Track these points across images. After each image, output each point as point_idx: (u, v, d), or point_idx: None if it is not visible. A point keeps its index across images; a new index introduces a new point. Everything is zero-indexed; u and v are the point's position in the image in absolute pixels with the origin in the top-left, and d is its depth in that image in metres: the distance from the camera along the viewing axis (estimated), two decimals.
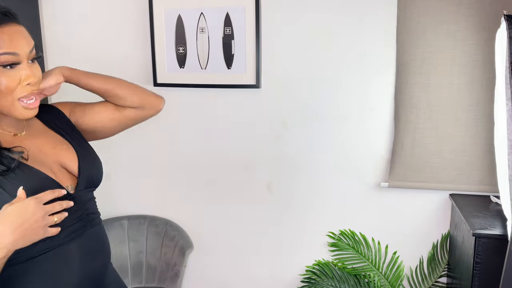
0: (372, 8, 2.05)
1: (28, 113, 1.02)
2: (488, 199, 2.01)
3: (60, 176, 1.06)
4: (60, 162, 1.08)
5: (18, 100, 0.98)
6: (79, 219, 1.06)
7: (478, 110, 1.98)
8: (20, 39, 0.97)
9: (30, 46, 0.99)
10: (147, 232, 2.43)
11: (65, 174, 1.07)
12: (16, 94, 0.97)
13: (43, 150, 1.07)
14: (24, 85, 0.98)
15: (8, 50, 0.94)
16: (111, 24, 2.32)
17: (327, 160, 2.22)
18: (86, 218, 1.09)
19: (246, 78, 2.20)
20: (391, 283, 2.20)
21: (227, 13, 2.16)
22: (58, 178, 1.04)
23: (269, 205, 2.33)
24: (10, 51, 0.94)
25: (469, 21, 1.93)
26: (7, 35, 0.95)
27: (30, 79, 0.98)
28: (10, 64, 0.95)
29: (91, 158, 1.15)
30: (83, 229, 1.07)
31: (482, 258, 1.69)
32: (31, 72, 0.99)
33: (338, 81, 2.14)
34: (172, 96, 2.33)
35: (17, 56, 0.96)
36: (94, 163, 1.15)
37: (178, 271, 2.25)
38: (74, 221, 1.05)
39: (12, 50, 0.95)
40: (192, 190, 2.41)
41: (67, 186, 1.05)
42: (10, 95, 0.97)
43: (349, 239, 2.25)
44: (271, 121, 2.25)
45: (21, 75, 0.97)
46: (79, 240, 1.05)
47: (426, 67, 2.01)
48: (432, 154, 2.06)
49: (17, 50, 0.96)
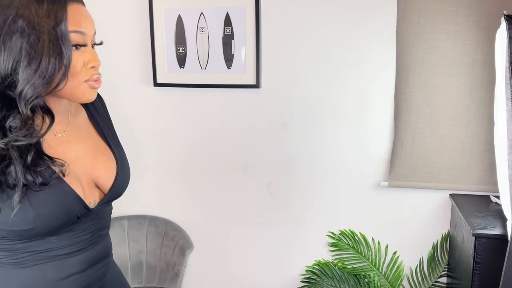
0: (372, 8, 2.05)
1: (94, 94, 0.95)
2: (488, 199, 2.01)
3: (88, 190, 1.00)
4: (94, 177, 1.01)
5: (84, 81, 0.92)
6: (91, 234, 1.01)
7: (478, 110, 1.98)
8: (89, 20, 0.92)
9: (94, 29, 0.94)
10: (147, 232, 2.43)
11: (93, 189, 1.01)
12: (81, 76, 0.91)
13: (81, 159, 1.00)
14: (88, 68, 0.91)
15: (76, 28, 0.88)
16: (111, 24, 2.32)
17: (327, 160, 2.22)
18: (97, 234, 1.03)
19: (246, 78, 2.20)
20: (391, 283, 2.20)
21: (227, 13, 2.16)
22: (85, 192, 0.98)
23: (269, 205, 2.33)
24: (78, 29, 0.88)
25: (469, 21, 1.93)
26: (75, 13, 0.88)
27: (96, 62, 0.92)
28: (76, 44, 0.88)
29: (127, 169, 1.09)
30: (93, 245, 1.02)
31: (482, 258, 1.69)
32: (96, 55, 0.93)
33: (338, 81, 2.14)
34: (172, 96, 2.34)
35: (84, 37, 0.89)
36: (127, 175, 1.09)
37: (178, 271, 2.25)
38: (85, 236, 1.00)
39: (82, 29, 0.89)
40: (192, 190, 2.41)
41: (90, 202, 0.99)
42: (76, 78, 0.90)
43: (349, 239, 2.25)
44: (271, 121, 2.25)
45: (86, 57, 0.91)
46: (84, 253, 1.00)
47: (426, 67, 2.01)
48: (432, 154, 2.06)
49: (86, 30, 0.89)
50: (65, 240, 0.96)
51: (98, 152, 1.04)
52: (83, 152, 1.01)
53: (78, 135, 1.02)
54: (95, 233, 1.03)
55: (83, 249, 1.00)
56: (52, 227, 0.92)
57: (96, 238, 1.03)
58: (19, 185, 0.85)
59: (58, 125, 0.98)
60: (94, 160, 1.02)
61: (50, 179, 0.90)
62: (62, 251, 0.96)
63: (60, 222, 0.93)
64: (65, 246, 0.97)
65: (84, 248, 1.00)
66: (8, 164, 0.85)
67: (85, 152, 1.02)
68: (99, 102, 1.13)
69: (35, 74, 0.83)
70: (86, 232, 1.00)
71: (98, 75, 0.94)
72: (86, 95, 0.94)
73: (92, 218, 1.00)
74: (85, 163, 1.00)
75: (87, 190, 0.99)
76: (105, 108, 1.15)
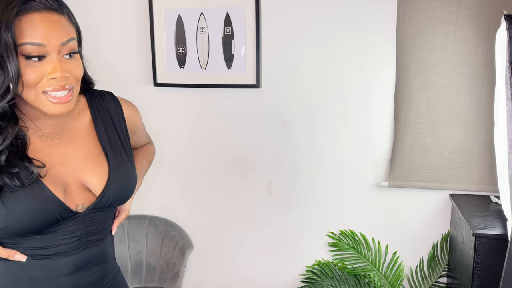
0: (372, 8, 2.05)
1: (56, 109, 0.91)
2: (488, 199, 2.01)
3: (75, 194, 0.99)
4: (83, 180, 1.00)
5: (42, 93, 0.89)
6: (77, 238, 1.01)
7: (478, 110, 1.98)
8: (51, 29, 0.87)
9: (61, 38, 0.89)
10: (147, 232, 2.43)
11: (83, 192, 1.00)
12: (39, 87, 0.89)
13: (70, 162, 1.00)
14: (49, 78, 0.88)
15: (32, 40, 0.85)
16: (111, 24, 2.32)
17: (327, 160, 2.22)
18: (85, 239, 1.02)
19: (246, 78, 2.20)
20: (391, 283, 2.20)
21: (227, 13, 2.16)
22: (70, 196, 0.98)
23: (269, 205, 2.33)
24: (34, 41, 0.86)
25: (469, 21, 1.93)
26: (35, 23, 0.86)
27: (56, 73, 0.88)
28: (37, 56, 0.87)
29: (126, 177, 1.06)
30: (79, 249, 1.01)
31: (482, 258, 1.69)
32: (59, 66, 0.89)
33: (338, 81, 2.14)
34: (172, 96, 2.33)
35: (42, 48, 0.87)
36: (127, 183, 1.07)
37: (178, 271, 2.25)
38: (71, 239, 1.00)
39: (37, 40, 0.86)
40: (192, 190, 2.41)
41: (78, 205, 0.99)
42: (33, 89, 0.88)
43: (349, 239, 2.25)
44: (271, 121, 2.25)
45: (46, 68, 0.88)
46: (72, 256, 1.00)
47: (426, 67, 2.01)
48: (432, 154, 2.06)
49: (42, 41, 0.86)
50: (48, 240, 0.97)
51: (89, 157, 1.03)
52: (74, 156, 1.01)
53: (71, 138, 1.02)
54: (83, 237, 1.02)
55: (69, 252, 1.00)
56: (27, 226, 0.93)
57: (84, 243, 1.02)
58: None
59: (48, 127, 0.99)
60: (84, 165, 1.02)
61: (27, 180, 0.90)
62: (47, 251, 0.98)
63: (34, 222, 0.93)
64: (50, 246, 0.98)
65: (71, 251, 1.00)
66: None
67: (76, 156, 1.01)
68: (115, 107, 1.11)
69: None
70: (71, 235, 1.00)
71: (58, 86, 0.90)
72: (50, 109, 0.91)
73: (78, 222, 1.00)
74: (75, 167, 1.00)
75: (75, 193, 0.99)
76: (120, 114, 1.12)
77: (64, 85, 0.91)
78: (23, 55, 0.86)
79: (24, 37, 0.85)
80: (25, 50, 0.86)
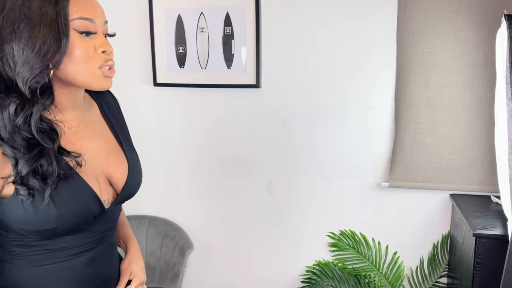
0: (372, 8, 2.05)
1: (109, 83, 0.96)
2: (488, 199, 2.01)
3: (103, 188, 1.00)
4: (108, 175, 1.02)
5: (98, 68, 0.92)
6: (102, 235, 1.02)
7: (478, 110, 1.98)
8: (98, 7, 0.93)
9: (104, 17, 0.95)
10: (147, 232, 2.43)
11: (107, 187, 1.01)
12: (95, 62, 0.91)
13: (97, 156, 1.00)
14: (99, 52, 0.92)
15: (85, 15, 0.89)
16: (111, 23, 2.31)
17: (327, 160, 2.22)
18: (105, 234, 1.03)
19: (246, 78, 2.20)
20: (392, 283, 2.20)
21: (227, 13, 2.16)
22: (101, 190, 0.99)
23: (269, 205, 2.33)
24: (87, 17, 0.89)
25: (469, 21, 1.93)
26: (82, 0, 0.89)
27: (108, 47, 0.93)
28: (86, 32, 0.90)
29: (138, 171, 1.09)
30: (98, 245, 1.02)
31: (482, 258, 1.69)
32: (107, 41, 0.94)
33: (338, 81, 2.14)
34: (172, 96, 2.33)
35: (93, 24, 0.90)
36: (139, 176, 1.09)
37: (178, 271, 2.25)
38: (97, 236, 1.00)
39: (90, 16, 0.90)
40: (192, 190, 2.41)
41: (105, 200, 1.00)
42: (89, 63, 0.91)
43: (349, 239, 2.25)
44: (271, 121, 2.25)
45: (96, 43, 0.91)
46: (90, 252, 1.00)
47: (426, 67, 2.00)
48: (432, 154, 2.06)
49: (94, 17, 0.90)
50: (78, 239, 0.97)
51: (111, 151, 1.04)
52: (98, 150, 1.02)
53: (92, 131, 1.03)
54: (105, 233, 1.03)
55: (90, 250, 1.00)
56: (73, 226, 0.93)
57: (102, 238, 1.03)
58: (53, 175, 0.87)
59: (73, 120, 0.99)
60: (107, 159, 1.02)
61: (68, 171, 0.90)
62: (73, 250, 0.97)
63: (78, 221, 0.93)
64: (77, 246, 0.97)
65: (91, 248, 1.01)
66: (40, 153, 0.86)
67: (100, 150, 1.02)
68: (113, 102, 1.14)
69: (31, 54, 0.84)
70: (98, 233, 1.00)
71: (111, 61, 0.95)
72: (100, 82, 0.94)
73: (104, 219, 1.01)
74: (101, 160, 1.01)
75: (103, 188, 1.00)
76: (119, 109, 1.15)
77: (112, 59, 0.95)
78: (76, 30, 0.88)
79: (76, 12, 0.88)
80: (78, 24, 0.88)
